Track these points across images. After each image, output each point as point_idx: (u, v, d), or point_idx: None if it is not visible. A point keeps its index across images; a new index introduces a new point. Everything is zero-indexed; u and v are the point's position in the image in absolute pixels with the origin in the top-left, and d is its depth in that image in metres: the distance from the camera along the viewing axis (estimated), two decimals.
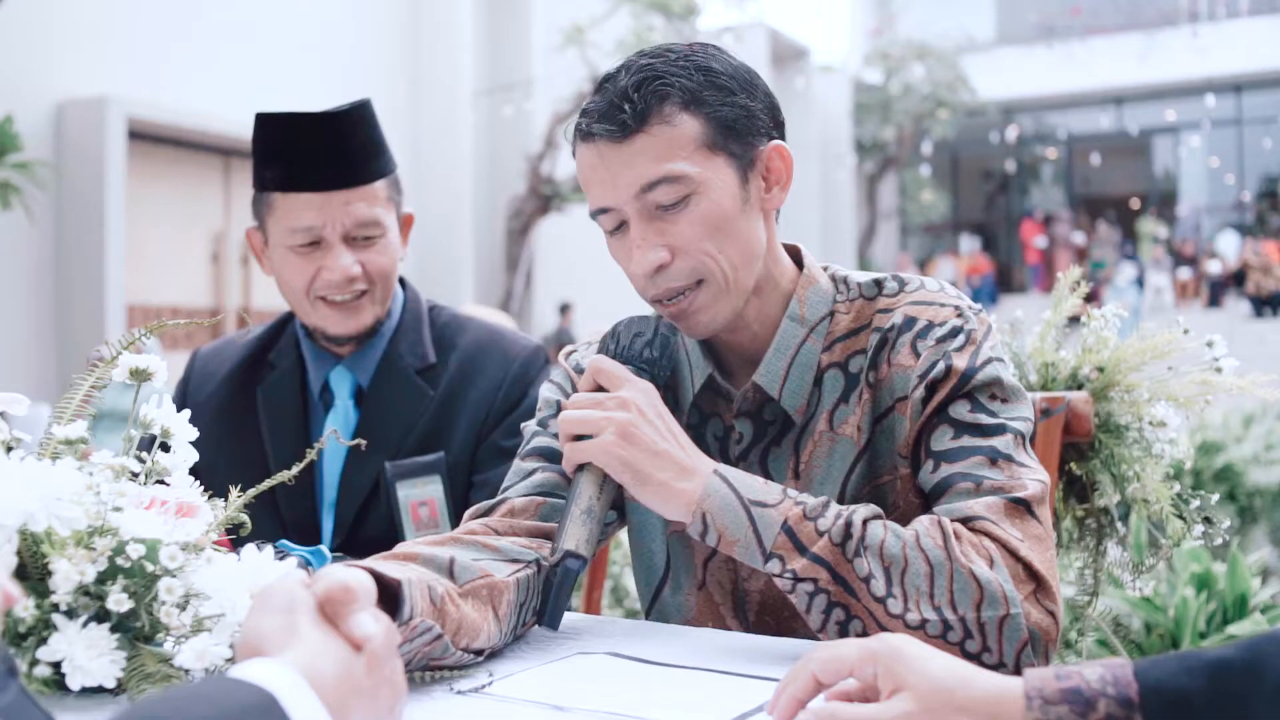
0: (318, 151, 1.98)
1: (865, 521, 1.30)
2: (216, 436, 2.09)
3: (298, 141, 1.99)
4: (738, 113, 1.42)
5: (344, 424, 2.08)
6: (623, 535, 1.69)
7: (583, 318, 14.90)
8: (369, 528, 2.01)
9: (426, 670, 1.20)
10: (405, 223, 2.14)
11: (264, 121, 2.02)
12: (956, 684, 1.04)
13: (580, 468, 1.38)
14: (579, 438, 1.37)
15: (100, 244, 9.99)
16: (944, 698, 1.03)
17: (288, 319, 2.21)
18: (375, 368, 2.10)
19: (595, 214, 1.46)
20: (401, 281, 2.18)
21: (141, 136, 10.71)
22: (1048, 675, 1.01)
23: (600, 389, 1.41)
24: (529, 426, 1.61)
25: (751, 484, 1.35)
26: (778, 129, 1.48)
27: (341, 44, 12.74)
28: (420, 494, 1.99)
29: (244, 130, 2.06)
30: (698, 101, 1.39)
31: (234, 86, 11.17)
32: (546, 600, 1.35)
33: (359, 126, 2.03)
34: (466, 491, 2.02)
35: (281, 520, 2.05)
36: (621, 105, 1.38)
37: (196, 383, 2.22)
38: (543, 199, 13.23)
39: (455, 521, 1.83)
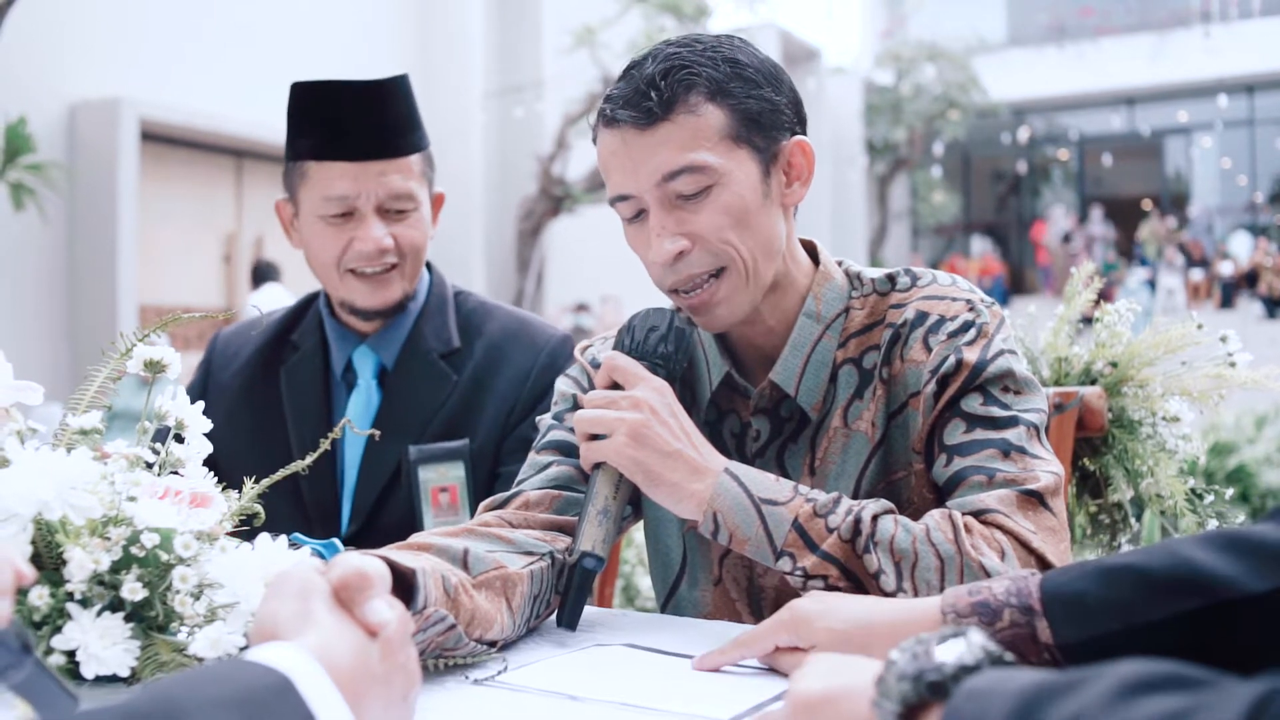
0: (355, 120, 1.96)
1: (875, 517, 1.30)
2: (239, 417, 2.09)
3: (334, 109, 1.96)
4: (763, 106, 1.41)
5: (366, 405, 2.06)
6: (635, 533, 1.70)
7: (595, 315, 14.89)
8: (388, 513, 1.99)
9: (440, 659, 1.20)
10: (436, 201, 2.11)
11: (300, 90, 2.00)
12: (874, 616, 1.14)
13: (596, 466, 1.38)
14: (595, 437, 1.38)
15: (112, 245, 10.03)
16: (864, 633, 1.12)
17: (310, 300, 2.20)
18: (399, 349, 2.08)
19: (614, 201, 1.45)
20: (427, 265, 2.16)
21: (154, 138, 10.75)
22: (961, 591, 1.10)
23: (616, 386, 1.41)
24: (544, 420, 1.62)
25: (763, 482, 1.35)
26: (800, 124, 1.48)
27: (352, 45, 12.76)
28: (442, 479, 1.95)
29: (255, 131, 2.06)
30: (724, 92, 1.39)
31: (245, 88, 11.20)
32: (565, 601, 1.35)
33: (396, 98, 2.01)
34: (490, 481, 2.00)
35: (302, 502, 2.02)
36: (648, 93, 1.38)
37: (219, 364, 2.20)
38: (554, 200, 13.22)
39: (475, 511, 1.83)
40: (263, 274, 10.01)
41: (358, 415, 2.05)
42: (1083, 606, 1.01)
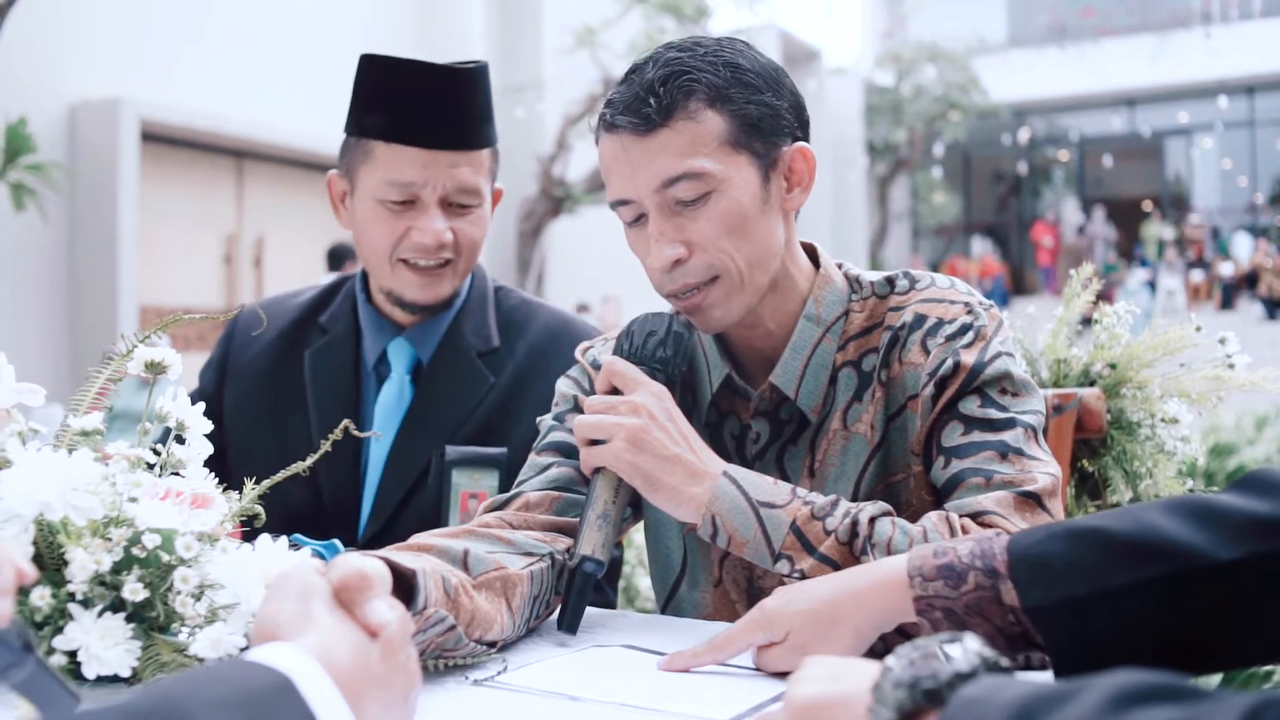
0: (433, 106, 1.88)
1: (872, 519, 1.31)
2: (257, 399, 2.03)
3: (412, 91, 1.88)
4: (763, 111, 1.41)
5: (398, 400, 1.98)
6: (634, 534, 1.69)
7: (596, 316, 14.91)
8: (410, 514, 1.90)
9: (440, 659, 1.20)
10: (495, 197, 2.03)
11: (374, 64, 1.92)
12: (839, 588, 1.17)
13: (596, 471, 1.39)
14: (594, 442, 1.38)
15: (113, 245, 10.03)
16: (830, 606, 1.15)
17: (340, 284, 2.12)
18: (437, 345, 1.99)
19: (615, 205, 1.46)
20: None
21: (154, 138, 10.75)
22: (927, 553, 1.12)
23: (615, 390, 1.42)
24: (545, 421, 1.62)
25: (761, 485, 1.35)
26: (802, 129, 1.48)
27: (352, 46, 12.73)
28: (475, 485, 1.85)
29: (256, 132, 2.03)
30: (723, 98, 1.39)
31: (245, 89, 11.21)
32: (565, 605, 1.36)
33: (476, 88, 1.93)
34: None
35: (320, 497, 1.94)
36: (647, 99, 1.38)
37: (241, 340, 2.10)
38: (554, 201, 13.23)
39: None
40: (338, 257, 9.19)
41: (388, 410, 1.97)
42: (1049, 569, 1.03)
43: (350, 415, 1.95)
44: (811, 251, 1.57)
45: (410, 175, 1.89)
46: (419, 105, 1.88)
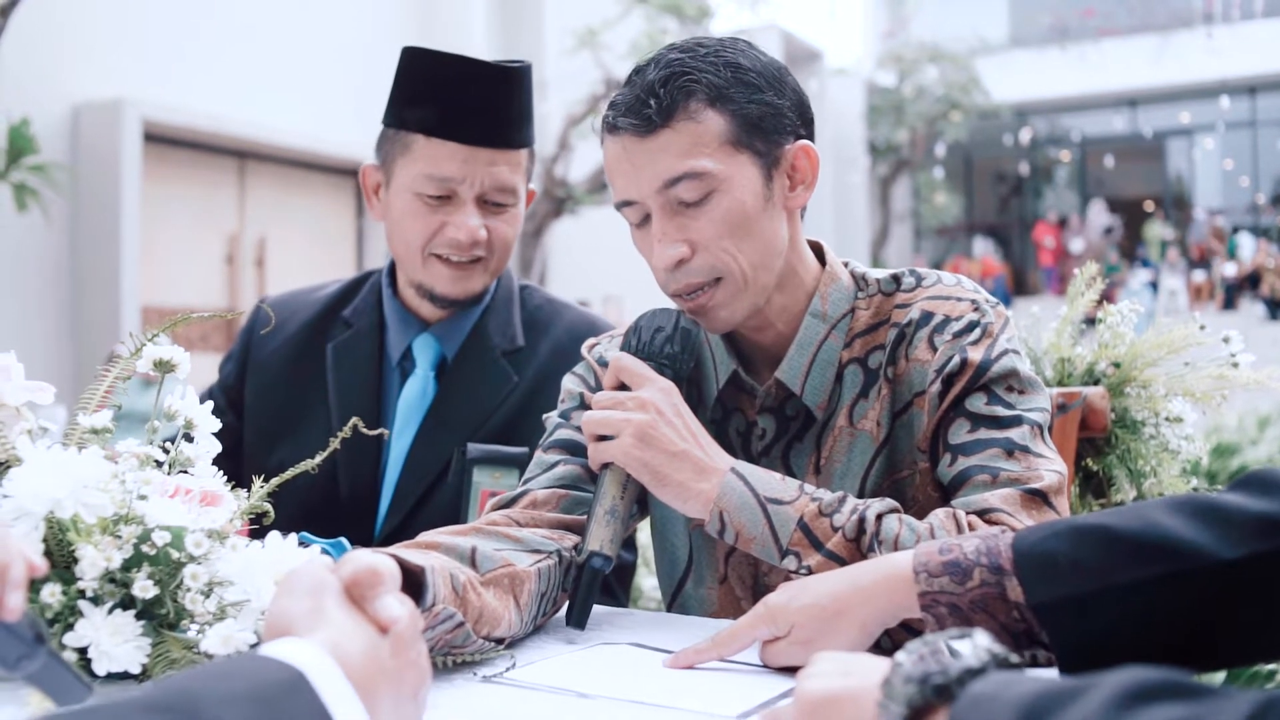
0: (476, 102, 1.88)
1: (880, 516, 1.31)
2: (280, 392, 2.02)
3: (457, 86, 1.88)
4: (764, 110, 1.42)
5: (421, 396, 1.97)
6: (639, 534, 1.69)
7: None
8: (428, 512, 1.89)
9: (449, 656, 1.20)
10: (528, 197, 2.03)
11: (421, 57, 1.92)
12: (844, 583, 1.17)
13: (604, 467, 1.39)
14: (602, 438, 1.38)
15: (115, 246, 10.03)
16: (836, 601, 1.16)
17: (364, 278, 2.11)
18: (462, 342, 1.99)
19: (620, 206, 1.46)
20: None
21: (157, 139, 10.75)
22: (932, 549, 1.14)
23: (623, 386, 1.42)
24: (551, 418, 1.62)
25: (768, 481, 1.36)
26: (805, 127, 1.49)
27: (354, 47, 12.77)
28: (496, 484, 1.85)
29: (258, 132, 2.02)
30: (724, 98, 1.40)
31: (248, 89, 11.20)
32: (574, 600, 1.36)
33: (520, 87, 1.93)
34: None
35: (337, 492, 1.93)
36: (647, 100, 1.39)
37: (261, 333, 2.09)
38: (556, 201, 13.21)
39: None
40: None
41: (410, 406, 1.97)
42: (1054, 566, 1.04)
43: (372, 410, 1.96)
44: (818, 249, 1.57)
45: (449, 171, 1.89)
46: (462, 101, 1.88)
